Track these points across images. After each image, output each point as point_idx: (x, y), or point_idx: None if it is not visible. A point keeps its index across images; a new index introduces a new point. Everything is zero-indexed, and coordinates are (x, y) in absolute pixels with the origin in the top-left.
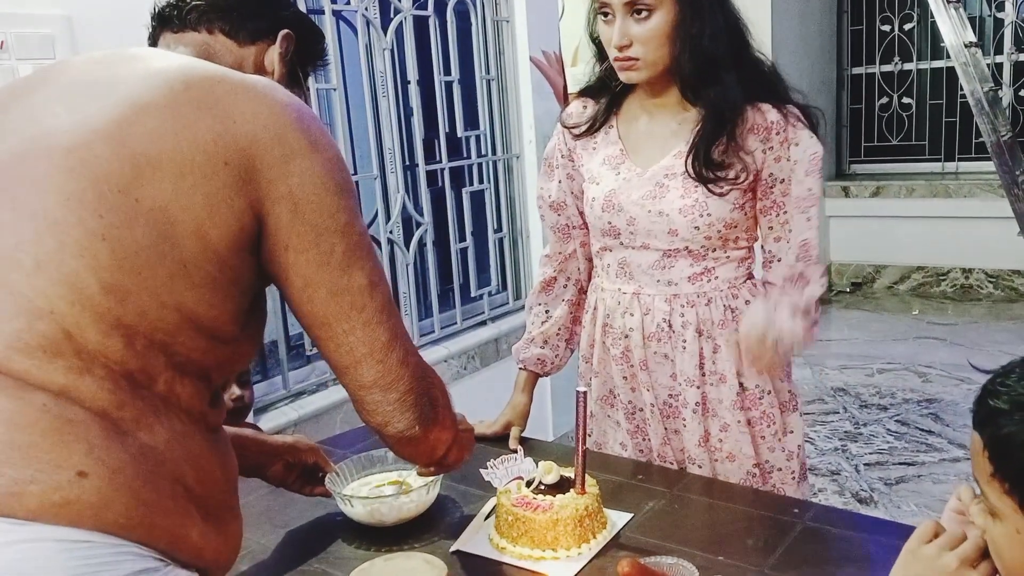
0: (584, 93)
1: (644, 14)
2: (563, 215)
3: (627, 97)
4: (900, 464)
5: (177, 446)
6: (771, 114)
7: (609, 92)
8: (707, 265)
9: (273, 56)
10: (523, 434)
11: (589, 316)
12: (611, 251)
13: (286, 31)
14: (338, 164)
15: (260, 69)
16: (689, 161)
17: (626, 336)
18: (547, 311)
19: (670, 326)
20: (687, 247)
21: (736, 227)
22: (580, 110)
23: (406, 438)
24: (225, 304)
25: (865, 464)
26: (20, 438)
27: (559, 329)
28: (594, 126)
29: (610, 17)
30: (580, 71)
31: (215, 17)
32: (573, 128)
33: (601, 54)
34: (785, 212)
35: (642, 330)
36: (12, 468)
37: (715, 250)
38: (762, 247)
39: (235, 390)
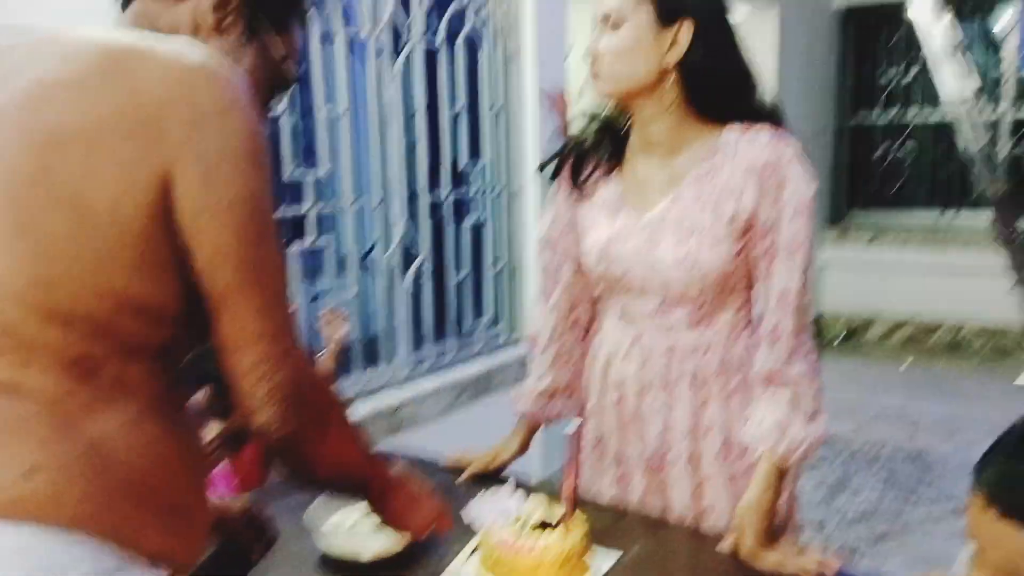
0: (583, 133)
1: (613, 28)
2: (556, 253)
3: (629, 141)
4: (887, 518)
5: (129, 433)
6: (766, 151)
7: (608, 133)
8: (705, 312)
9: (202, 7)
10: (511, 469)
11: (592, 357)
12: (612, 295)
13: None
14: (253, 131)
15: (196, 27)
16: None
17: (622, 384)
18: (543, 370)
19: (665, 378)
20: (683, 294)
21: (732, 276)
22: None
23: (267, 433)
24: (161, 282)
25: (851, 517)
26: None
27: (558, 387)
28: (595, 171)
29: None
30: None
31: None
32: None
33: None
34: (776, 260)
35: (639, 380)
36: None
37: (712, 299)
38: (755, 294)
39: (212, 427)
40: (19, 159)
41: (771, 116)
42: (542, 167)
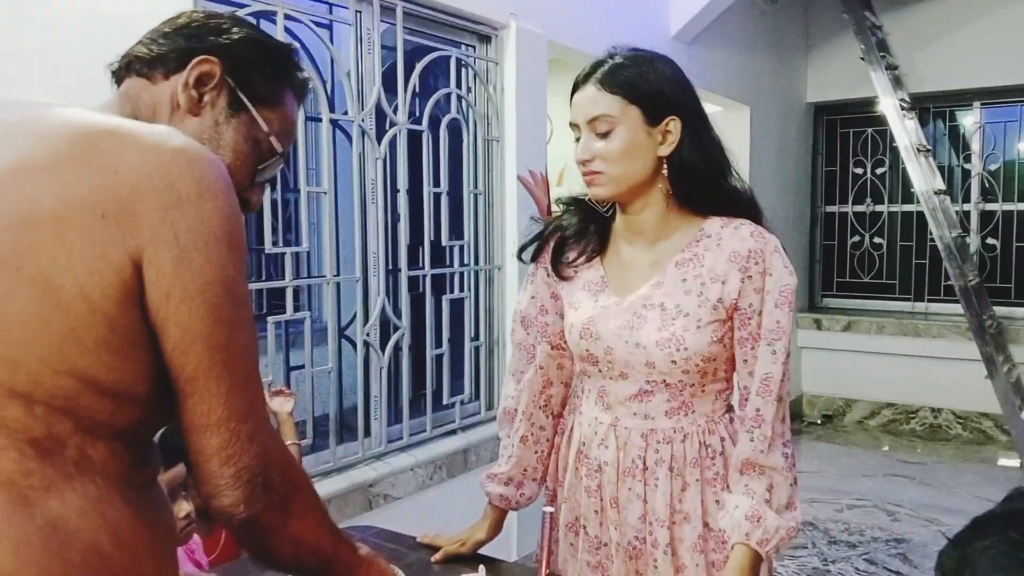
0: (560, 218)
1: (605, 132)
2: (530, 332)
3: (611, 226)
4: None
5: (92, 512)
6: (749, 241)
7: (593, 219)
8: (684, 399)
9: (182, 85)
10: (485, 552)
11: (565, 438)
12: (590, 377)
13: (201, 58)
14: (229, 215)
15: (176, 105)
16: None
17: (600, 470)
18: (510, 451)
19: (644, 463)
20: (664, 380)
21: (715, 360)
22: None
23: (229, 516)
24: (126, 364)
25: None
26: None
27: (525, 469)
28: (581, 257)
29: (579, 135)
30: (565, 191)
31: (135, 60)
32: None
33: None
34: (758, 346)
35: (617, 465)
36: None
37: (693, 384)
38: (737, 381)
39: (184, 506)
40: None
41: (750, 208)
42: (520, 252)
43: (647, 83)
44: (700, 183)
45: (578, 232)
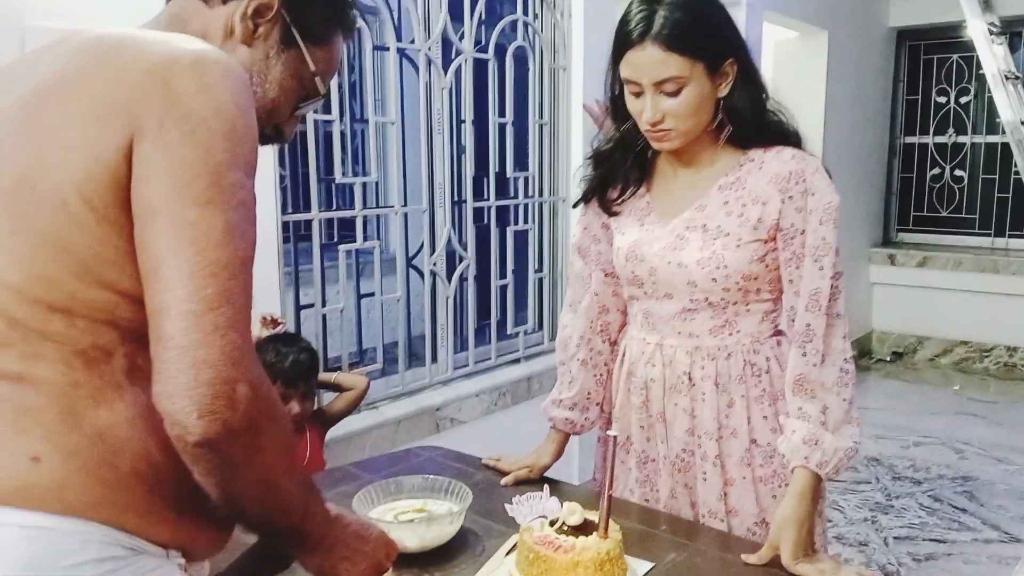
0: (601, 158)
1: (674, 91)
2: (587, 262)
3: (654, 155)
4: (931, 540)
5: (141, 421)
6: (790, 163)
7: (632, 152)
8: (728, 318)
9: (239, 13)
10: (549, 474)
11: (618, 363)
12: (637, 300)
13: None
14: (232, 113)
15: (229, 32)
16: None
17: (647, 387)
18: (571, 376)
19: (690, 378)
20: (707, 299)
21: (756, 279)
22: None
23: (182, 427)
24: None
25: (895, 537)
26: None
27: (589, 393)
28: (625, 191)
29: (641, 94)
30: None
31: None
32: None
33: (619, 115)
34: (803, 264)
35: (663, 381)
36: None
37: (736, 303)
38: (785, 302)
39: (294, 406)
40: (17, 162)
41: (794, 140)
42: (577, 205)
43: (709, 35)
44: (751, 118)
45: (616, 169)
